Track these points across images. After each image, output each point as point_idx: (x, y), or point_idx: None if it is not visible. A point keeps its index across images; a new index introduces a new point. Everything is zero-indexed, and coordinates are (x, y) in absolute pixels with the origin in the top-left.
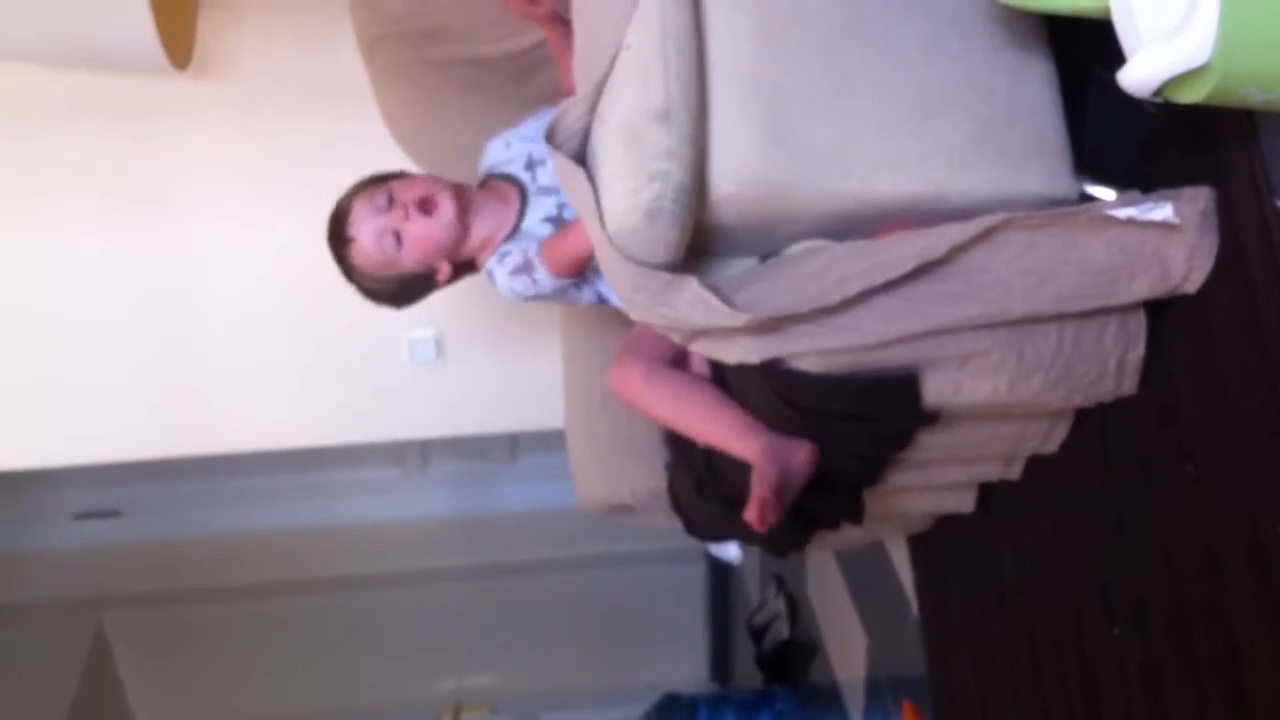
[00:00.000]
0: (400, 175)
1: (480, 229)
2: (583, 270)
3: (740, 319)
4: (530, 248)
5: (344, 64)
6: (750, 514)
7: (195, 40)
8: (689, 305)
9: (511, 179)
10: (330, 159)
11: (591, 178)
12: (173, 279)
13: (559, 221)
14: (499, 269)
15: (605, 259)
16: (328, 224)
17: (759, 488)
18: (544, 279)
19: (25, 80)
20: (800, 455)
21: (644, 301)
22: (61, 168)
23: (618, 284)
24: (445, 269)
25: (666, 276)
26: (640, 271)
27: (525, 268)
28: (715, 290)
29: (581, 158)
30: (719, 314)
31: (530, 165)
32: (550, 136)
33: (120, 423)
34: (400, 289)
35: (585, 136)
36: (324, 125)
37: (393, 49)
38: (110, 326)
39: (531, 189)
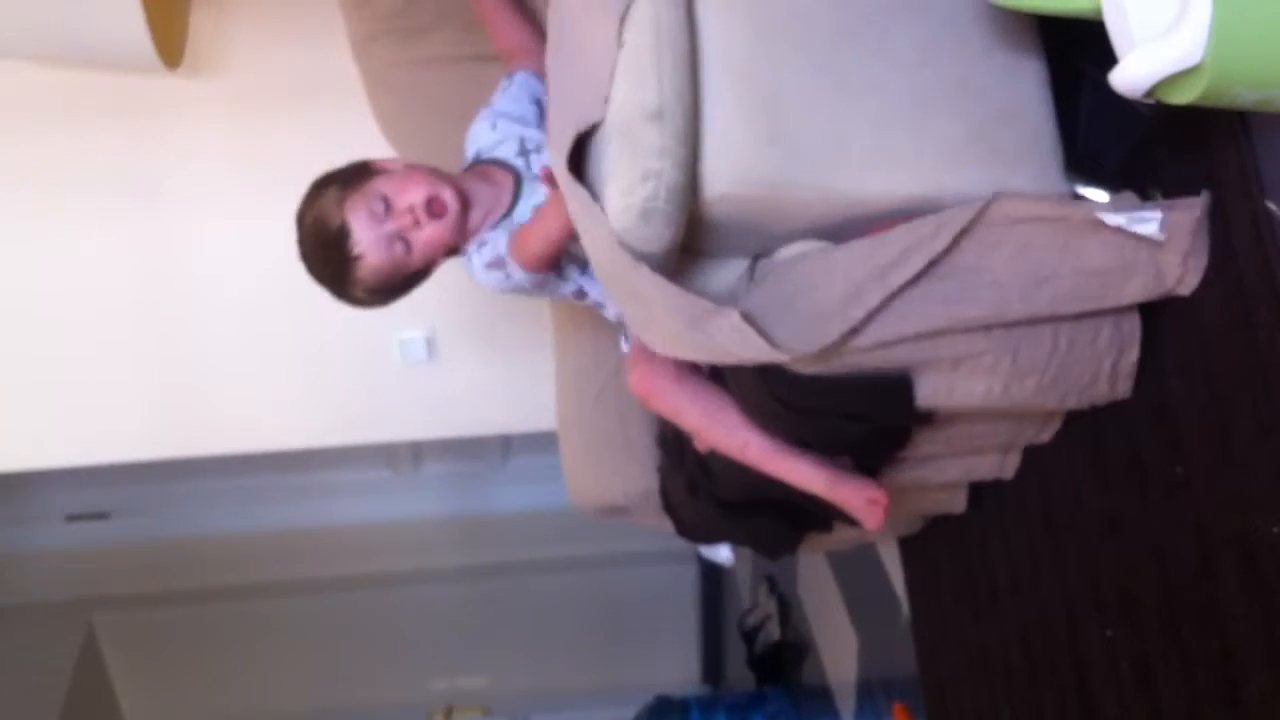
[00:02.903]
0: (369, 169)
1: (475, 218)
2: (556, 265)
3: (781, 356)
4: (502, 241)
5: (337, 61)
6: (880, 521)
7: (188, 39)
8: (725, 335)
9: (505, 164)
10: (323, 157)
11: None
12: (163, 280)
13: None
14: (476, 257)
15: (643, 282)
16: (318, 247)
17: (872, 504)
18: (517, 274)
19: (18, 78)
20: (848, 462)
21: (679, 326)
22: (53, 166)
23: (655, 302)
24: (441, 262)
25: (708, 304)
26: (685, 296)
27: (498, 263)
28: (752, 321)
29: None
30: (759, 350)
31: (524, 152)
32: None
33: (112, 424)
34: (399, 290)
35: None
36: (317, 124)
37: (385, 47)
38: (101, 327)
39: (527, 176)
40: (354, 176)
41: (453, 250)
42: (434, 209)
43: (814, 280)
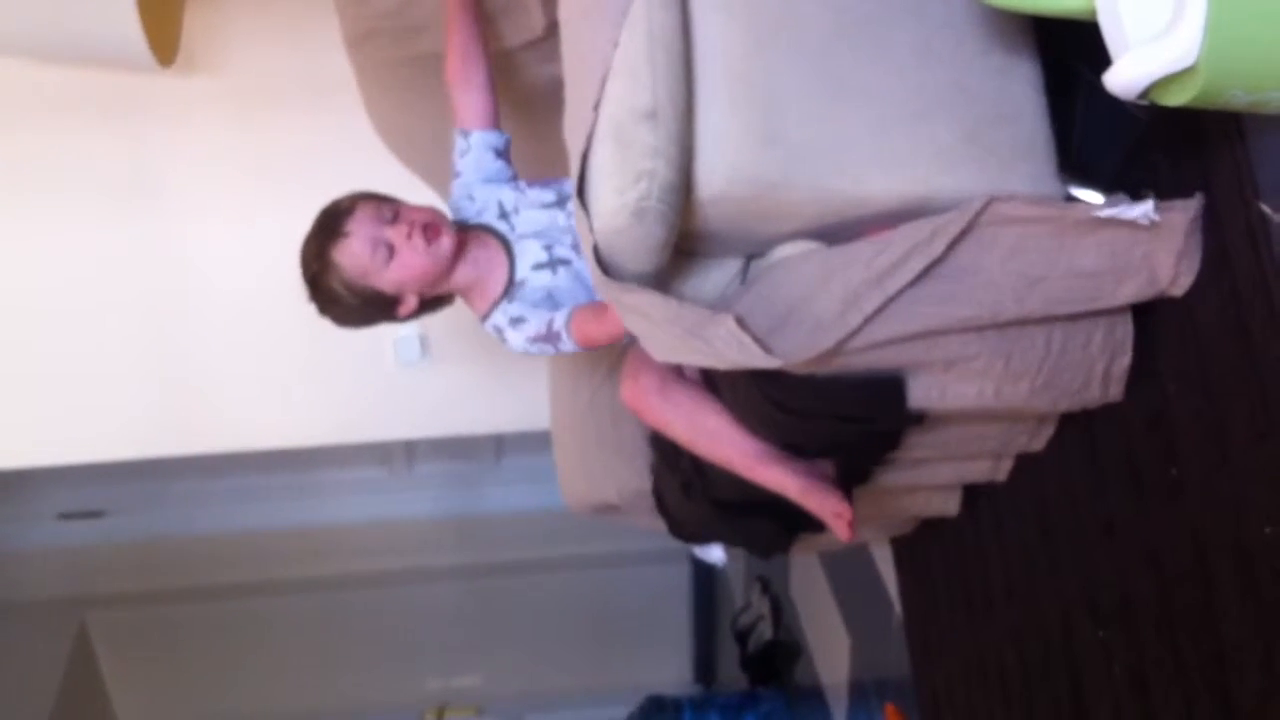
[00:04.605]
0: (402, 202)
1: (463, 273)
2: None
3: (775, 362)
4: (555, 319)
5: (332, 60)
6: (846, 535)
7: (182, 37)
8: (723, 341)
9: (490, 230)
10: (318, 156)
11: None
12: (158, 278)
13: (552, 265)
14: (513, 333)
15: (636, 296)
16: (321, 215)
17: (836, 517)
18: (568, 348)
19: (12, 75)
20: (828, 471)
21: (678, 334)
22: (49, 164)
23: (653, 314)
24: (412, 303)
25: (705, 312)
26: (681, 306)
27: (550, 338)
28: (747, 327)
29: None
30: (754, 356)
31: (504, 215)
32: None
33: (105, 423)
34: (359, 305)
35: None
36: (312, 122)
37: (379, 46)
38: (96, 325)
39: (513, 238)
40: (386, 196)
41: (431, 304)
42: (429, 233)
43: (811, 287)
